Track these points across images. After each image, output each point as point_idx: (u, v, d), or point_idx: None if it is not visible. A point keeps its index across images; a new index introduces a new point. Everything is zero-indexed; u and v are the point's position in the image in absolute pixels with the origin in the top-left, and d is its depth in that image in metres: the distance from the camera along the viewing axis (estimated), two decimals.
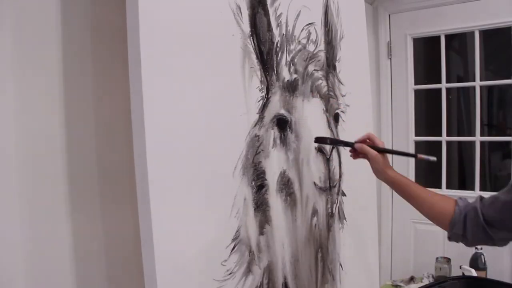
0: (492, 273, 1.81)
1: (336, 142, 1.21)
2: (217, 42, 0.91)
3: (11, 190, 0.79)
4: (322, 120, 1.23)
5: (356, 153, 1.09)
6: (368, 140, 1.08)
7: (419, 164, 2.25)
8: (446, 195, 1.02)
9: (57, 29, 0.86)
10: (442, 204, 0.98)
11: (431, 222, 1.04)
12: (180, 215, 0.81)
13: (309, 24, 1.19)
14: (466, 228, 0.94)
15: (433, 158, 1.05)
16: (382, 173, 1.04)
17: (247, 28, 0.97)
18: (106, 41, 0.94)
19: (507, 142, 2.30)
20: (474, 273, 1.70)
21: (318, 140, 1.13)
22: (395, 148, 2.21)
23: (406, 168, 2.18)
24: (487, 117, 2.79)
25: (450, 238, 1.00)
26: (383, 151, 1.06)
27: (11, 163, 0.79)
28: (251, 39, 0.98)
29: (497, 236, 0.91)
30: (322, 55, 1.25)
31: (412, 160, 2.23)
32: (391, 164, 1.08)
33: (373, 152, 1.04)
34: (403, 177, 1.05)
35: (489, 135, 2.72)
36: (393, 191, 1.10)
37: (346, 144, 1.11)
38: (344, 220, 1.34)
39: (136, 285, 0.95)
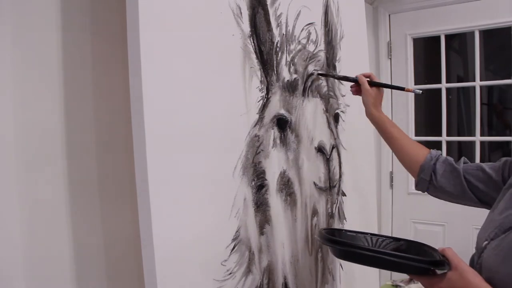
0: None
1: (339, 78, 1.27)
2: (217, 42, 0.91)
3: (11, 190, 0.79)
4: (322, 120, 1.23)
5: (356, 89, 1.16)
6: (368, 78, 1.14)
7: None
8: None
9: (57, 29, 0.86)
10: (416, 149, 1.03)
11: (431, 222, 1.05)
12: (180, 215, 0.81)
13: (309, 24, 1.19)
14: (436, 173, 0.98)
15: (419, 91, 1.13)
16: (369, 108, 1.10)
17: (247, 28, 0.97)
18: (106, 41, 0.94)
19: (507, 142, 2.31)
20: None
21: (322, 74, 1.22)
22: None
23: None
24: (487, 117, 2.79)
25: (417, 186, 1.03)
26: (375, 84, 1.13)
27: (11, 163, 0.79)
28: (251, 39, 0.98)
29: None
30: (322, 55, 1.25)
31: None
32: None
33: (367, 85, 1.11)
34: (387, 118, 1.09)
35: (489, 134, 2.72)
36: (393, 192, 1.11)
37: (348, 79, 1.19)
38: (344, 220, 1.34)
39: (136, 285, 0.95)
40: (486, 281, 0.68)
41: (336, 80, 1.32)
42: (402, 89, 1.18)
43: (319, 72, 1.21)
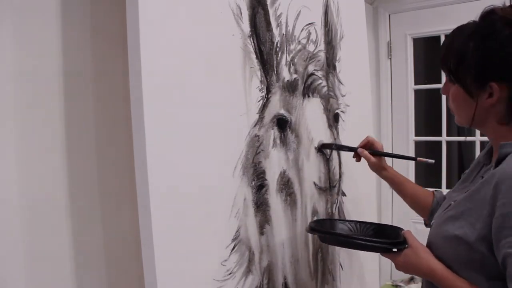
0: None
1: (340, 148, 1.24)
2: (217, 42, 0.91)
3: (11, 190, 0.79)
4: (322, 120, 1.23)
5: (359, 157, 1.15)
6: (368, 143, 1.14)
7: (419, 165, 2.25)
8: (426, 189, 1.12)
9: (57, 29, 0.86)
10: (423, 199, 1.10)
11: None
12: (180, 215, 0.81)
13: (309, 24, 1.19)
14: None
15: (431, 161, 1.11)
16: (379, 173, 1.14)
17: (247, 28, 0.97)
18: (106, 41, 0.94)
19: None
20: None
21: (324, 146, 1.20)
22: (396, 150, 2.22)
23: (406, 168, 2.18)
24: None
25: (426, 225, 1.12)
26: (383, 155, 1.12)
27: (10, 162, 0.79)
28: (251, 39, 0.98)
29: None
30: (322, 55, 1.25)
31: (412, 161, 2.23)
32: (392, 166, 1.14)
33: (371, 158, 1.11)
34: (396, 175, 1.13)
35: None
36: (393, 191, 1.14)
37: (350, 149, 1.17)
38: None
39: (136, 285, 0.95)
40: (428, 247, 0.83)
41: (336, 80, 1.32)
42: (414, 159, 1.18)
43: (323, 143, 1.19)
